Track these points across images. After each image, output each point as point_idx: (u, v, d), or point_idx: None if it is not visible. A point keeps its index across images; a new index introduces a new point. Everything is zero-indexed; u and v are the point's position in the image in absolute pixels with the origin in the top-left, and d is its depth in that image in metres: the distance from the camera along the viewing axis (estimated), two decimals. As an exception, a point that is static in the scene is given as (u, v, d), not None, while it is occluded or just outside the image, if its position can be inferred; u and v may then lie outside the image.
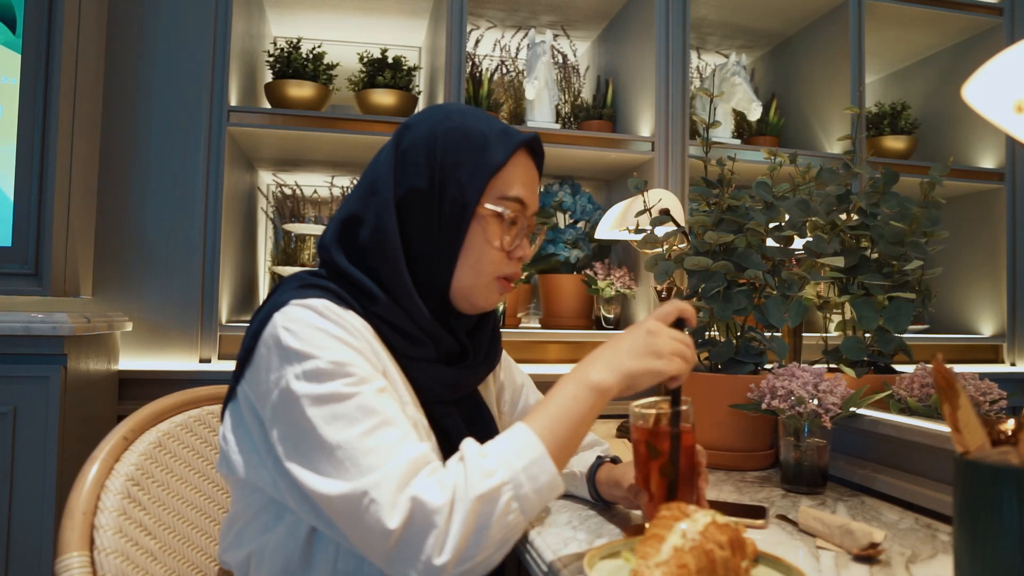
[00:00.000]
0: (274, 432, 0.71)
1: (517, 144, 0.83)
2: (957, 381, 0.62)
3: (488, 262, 0.83)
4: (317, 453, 0.66)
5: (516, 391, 1.07)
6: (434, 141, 0.82)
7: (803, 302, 1.29)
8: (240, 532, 0.81)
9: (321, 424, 0.67)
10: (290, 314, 0.73)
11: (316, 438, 0.66)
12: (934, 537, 0.88)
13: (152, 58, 1.83)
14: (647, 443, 0.82)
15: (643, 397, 0.83)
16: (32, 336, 1.37)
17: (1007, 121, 0.75)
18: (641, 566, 0.64)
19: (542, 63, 2.10)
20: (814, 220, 1.34)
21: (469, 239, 0.82)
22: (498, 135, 0.83)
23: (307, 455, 0.67)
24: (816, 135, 2.35)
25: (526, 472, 0.66)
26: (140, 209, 1.80)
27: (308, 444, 0.67)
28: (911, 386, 1.23)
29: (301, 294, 0.75)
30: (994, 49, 2.05)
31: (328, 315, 0.73)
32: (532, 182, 0.87)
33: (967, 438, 0.62)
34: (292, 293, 0.76)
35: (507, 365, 1.07)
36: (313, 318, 0.72)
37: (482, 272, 0.83)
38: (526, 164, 0.86)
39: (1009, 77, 0.71)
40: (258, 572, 0.79)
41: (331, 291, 0.78)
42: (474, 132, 0.82)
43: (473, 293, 0.84)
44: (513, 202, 0.83)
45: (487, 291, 0.85)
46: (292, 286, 0.79)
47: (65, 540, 0.82)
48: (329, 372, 0.68)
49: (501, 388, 1.05)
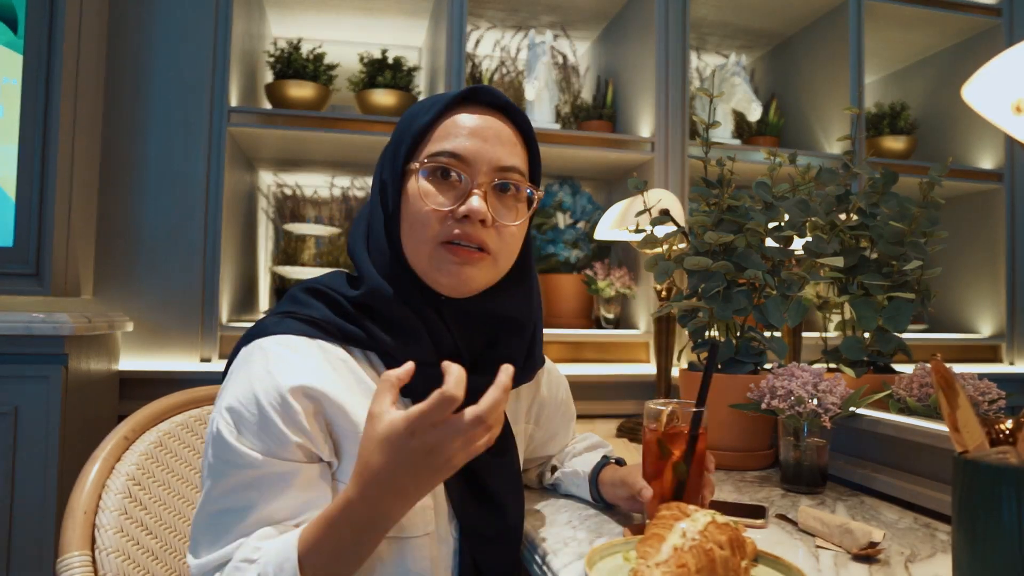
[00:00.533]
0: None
1: (446, 101, 0.78)
2: (956, 381, 0.63)
3: (423, 224, 0.76)
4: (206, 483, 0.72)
5: (556, 407, 1.03)
6: (394, 132, 0.82)
7: (803, 302, 1.29)
8: None
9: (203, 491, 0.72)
10: (249, 351, 0.76)
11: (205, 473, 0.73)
12: (933, 536, 0.88)
13: (153, 59, 1.83)
14: (660, 442, 0.83)
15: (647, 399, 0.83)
16: (33, 336, 1.37)
17: (1006, 121, 0.75)
18: (641, 565, 0.64)
19: (542, 63, 2.10)
20: (814, 220, 1.34)
21: (405, 205, 0.78)
22: (435, 100, 0.79)
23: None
24: (816, 135, 2.35)
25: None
26: (141, 209, 1.80)
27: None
28: (910, 386, 1.24)
29: (274, 325, 0.77)
30: (993, 50, 2.06)
31: (265, 397, 0.71)
32: (478, 135, 0.77)
33: (966, 438, 0.62)
34: (269, 323, 0.78)
35: (550, 379, 1.02)
36: (260, 373, 0.73)
37: (422, 237, 0.76)
38: (469, 119, 0.78)
39: (1008, 78, 0.72)
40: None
41: (313, 320, 0.77)
42: (417, 107, 0.81)
43: (426, 264, 0.77)
44: (444, 156, 0.76)
45: (438, 261, 0.76)
46: (277, 309, 0.81)
47: (66, 539, 0.82)
48: (231, 424, 0.71)
49: (542, 403, 1.00)
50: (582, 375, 1.89)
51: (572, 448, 1.08)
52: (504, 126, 0.80)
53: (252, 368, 0.73)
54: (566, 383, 1.07)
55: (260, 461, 0.69)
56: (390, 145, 0.82)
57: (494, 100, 0.81)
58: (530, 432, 1.01)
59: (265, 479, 0.70)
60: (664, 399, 0.83)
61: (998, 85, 0.72)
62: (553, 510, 0.97)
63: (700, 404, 0.82)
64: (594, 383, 1.93)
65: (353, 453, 0.72)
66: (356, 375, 0.77)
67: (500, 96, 0.81)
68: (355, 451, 0.71)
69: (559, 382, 1.04)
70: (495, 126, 0.79)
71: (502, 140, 0.79)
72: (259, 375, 0.72)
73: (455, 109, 0.79)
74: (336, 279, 0.83)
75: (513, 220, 0.79)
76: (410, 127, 0.79)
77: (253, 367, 0.73)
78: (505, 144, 0.79)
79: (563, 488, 1.05)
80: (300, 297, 0.81)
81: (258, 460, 0.69)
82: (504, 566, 0.82)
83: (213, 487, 0.70)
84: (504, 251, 0.80)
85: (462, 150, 0.76)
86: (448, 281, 0.77)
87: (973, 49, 2.40)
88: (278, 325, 0.77)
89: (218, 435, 0.71)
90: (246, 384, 0.72)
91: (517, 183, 0.80)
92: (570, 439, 1.10)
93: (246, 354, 0.76)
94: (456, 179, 0.77)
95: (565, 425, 1.06)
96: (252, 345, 0.76)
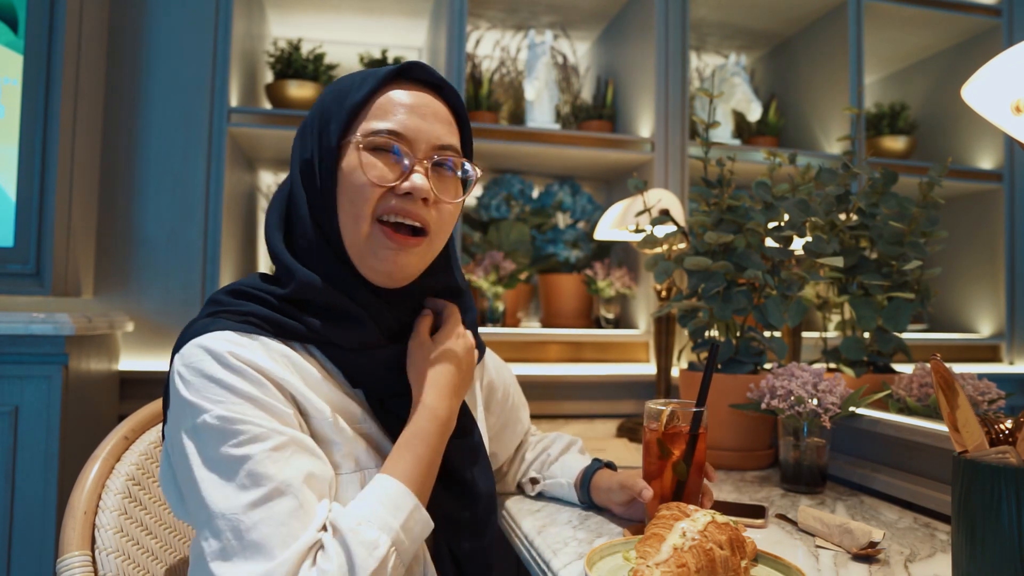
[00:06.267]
0: (180, 478, 0.68)
1: (379, 77, 0.76)
2: (956, 381, 0.63)
3: (364, 198, 0.73)
4: (204, 514, 0.63)
5: (506, 389, 1.03)
6: (316, 109, 0.79)
7: (803, 302, 1.29)
8: (195, 567, 0.74)
9: (207, 488, 0.63)
10: (185, 358, 0.68)
11: (202, 501, 0.63)
12: (933, 536, 0.88)
13: (153, 59, 1.83)
14: (660, 442, 0.83)
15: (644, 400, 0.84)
16: (34, 336, 1.37)
17: (1005, 121, 0.75)
18: (641, 565, 0.64)
19: (542, 63, 2.10)
20: (813, 220, 1.34)
21: (341, 181, 0.75)
22: (366, 76, 0.78)
23: (198, 512, 0.64)
24: (815, 135, 2.35)
25: (404, 529, 0.66)
26: (141, 209, 1.80)
27: (198, 504, 0.64)
28: (910, 386, 1.24)
29: (205, 327, 0.70)
30: (993, 50, 2.06)
31: (223, 358, 0.67)
32: (416, 112, 0.76)
33: (966, 437, 0.62)
34: (197, 325, 0.71)
35: (495, 363, 1.03)
36: (206, 364, 0.67)
37: (361, 213, 0.74)
38: (406, 96, 0.77)
39: (1007, 78, 0.72)
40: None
41: (245, 314, 0.73)
42: (345, 83, 0.79)
43: (362, 245, 0.75)
44: (384, 135, 0.74)
45: (375, 243, 0.74)
46: (203, 313, 0.75)
47: (66, 539, 0.82)
48: (215, 430, 0.64)
49: (491, 387, 1.00)
50: (582, 375, 1.89)
51: (546, 455, 1.07)
52: (440, 104, 0.79)
53: (205, 366, 0.67)
54: (511, 369, 1.07)
55: (253, 437, 0.64)
56: (313, 121, 0.78)
57: (428, 77, 0.79)
58: (495, 410, 1.01)
59: (289, 445, 0.66)
60: (664, 399, 0.83)
61: (998, 85, 0.73)
62: (553, 510, 0.97)
63: (700, 404, 0.82)
64: (594, 383, 1.93)
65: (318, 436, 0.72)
66: (300, 369, 0.73)
67: (434, 73, 0.80)
68: (320, 434, 0.72)
69: (504, 367, 1.05)
70: (432, 104, 0.78)
71: (439, 118, 0.78)
72: (218, 372, 0.67)
73: (389, 85, 0.77)
74: (255, 280, 0.78)
75: (453, 198, 0.79)
76: (341, 103, 0.76)
77: (205, 365, 0.67)
78: (442, 122, 0.78)
79: (548, 495, 1.05)
80: (225, 300, 0.75)
81: (278, 428, 0.66)
82: (480, 556, 0.80)
83: (229, 496, 0.63)
84: (441, 231, 0.79)
85: (402, 128, 0.75)
86: (382, 268, 0.75)
87: (973, 49, 2.40)
88: (212, 324, 0.71)
89: (200, 457, 0.64)
90: (198, 390, 0.66)
91: (456, 161, 0.79)
92: (525, 427, 1.08)
93: (189, 359, 0.68)
94: (395, 157, 0.75)
95: (515, 412, 1.05)
96: (190, 347, 0.69)
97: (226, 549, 0.61)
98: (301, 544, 0.61)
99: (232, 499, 0.62)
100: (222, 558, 0.61)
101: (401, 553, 0.65)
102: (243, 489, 0.62)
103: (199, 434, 0.65)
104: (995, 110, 0.74)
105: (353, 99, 0.76)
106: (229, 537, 0.61)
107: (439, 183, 0.77)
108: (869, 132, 2.47)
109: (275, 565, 0.59)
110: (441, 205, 0.77)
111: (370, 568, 0.62)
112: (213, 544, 0.61)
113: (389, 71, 0.77)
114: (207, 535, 0.62)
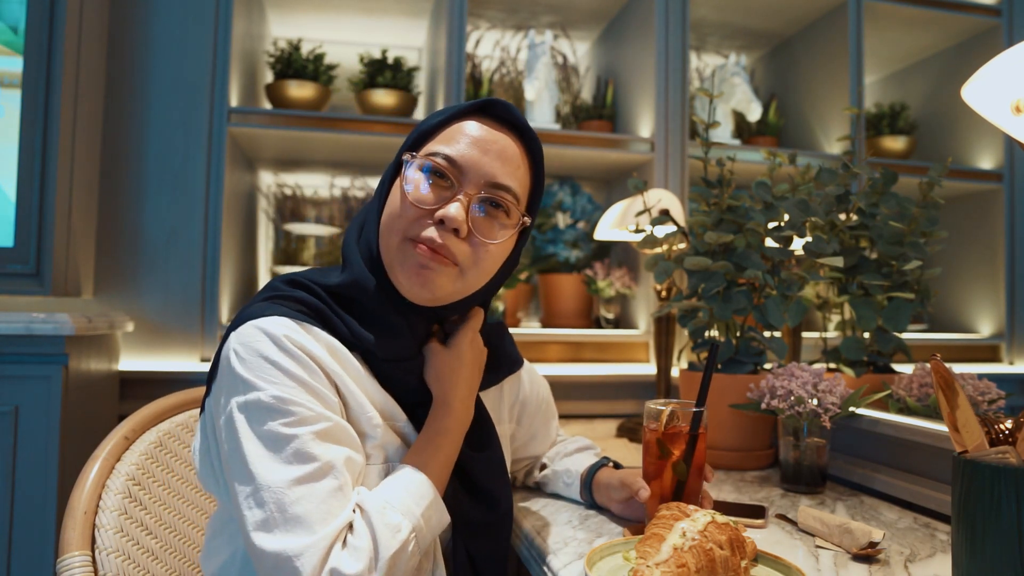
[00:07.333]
0: (224, 449, 0.70)
1: (462, 107, 0.78)
2: (956, 381, 0.63)
3: (399, 215, 0.75)
4: (248, 486, 0.65)
5: (538, 404, 1.04)
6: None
7: (803, 302, 1.29)
8: (213, 540, 0.80)
9: (255, 460, 0.65)
10: (243, 336, 0.71)
11: (248, 473, 0.65)
12: (933, 536, 0.88)
13: (153, 59, 1.83)
14: (659, 442, 0.83)
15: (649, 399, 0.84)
16: (33, 336, 1.37)
17: (1005, 122, 0.75)
18: (641, 565, 0.64)
19: (542, 64, 2.10)
20: (813, 220, 1.34)
21: (391, 195, 0.78)
22: (453, 106, 0.80)
23: (242, 484, 0.66)
24: (815, 135, 2.36)
25: (424, 517, 0.70)
26: (141, 209, 1.80)
27: (243, 475, 0.66)
28: (910, 386, 1.24)
29: (263, 310, 0.73)
30: (992, 50, 2.06)
31: (280, 341, 0.70)
32: (479, 146, 0.76)
33: (966, 437, 0.62)
34: (255, 308, 0.74)
35: (531, 378, 1.04)
36: (263, 345, 0.69)
37: (394, 228, 0.75)
38: (476, 128, 0.77)
39: (1007, 78, 0.72)
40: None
41: (299, 302, 0.75)
42: (436, 110, 0.82)
43: (392, 256, 0.76)
44: (439, 157, 0.75)
45: (402, 255, 0.75)
46: (260, 297, 0.77)
47: (66, 539, 0.82)
48: (268, 408, 0.67)
49: (524, 402, 1.02)
50: (582, 375, 1.89)
51: (563, 448, 1.09)
52: (513, 145, 0.78)
53: (261, 347, 0.69)
54: (547, 383, 1.08)
55: (302, 419, 0.67)
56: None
57: (509, 117, 0.79)
58: (512, 431, 1.02)
59: (334, 430, 0.69)
60: (664, 399, 0.83)
61: (997, 85, 0.73)
62: (553, 510, 0.97)
63: (700, 404, 0.82)
64: (594, 383, 1.93)
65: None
66: (345, 362, 0.76)
67: (517, 115, 0.79)
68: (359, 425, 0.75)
69: (540, 382, 1.07)
70: (502, 142, 0.77)
71: (504, 157, 0.77)
72: (274, 354, 0.69)
73: (468, 116, 0.79)
74: (317, 272, 0.82)
75: (492, 238, 0.76)
76: (422, 125, 0.80)
77: (262, 346, 0.69)
78: (506, 162, 0.77)
79: (549, 487, 1.05)
80: (281, 287, 0.79)
81: (325, 414, 0.69)
82: (496, 555, 0.83)
83: (275, 469, 0.65)
84: (475, 268, 0.77)
85: (458, 156, 0.75)
86: (408, 282, 0.75)
87: (973, 49, 2.40)
88: (269, 308, 0.74)
89: (250, 431, 0.67)
90: (253, 368, 0.69)
91: (507, 203, 0.77)
92: (553, 438, 1.10)
93: (246, 338, 0.71)
94: (446, 183, 0.75)
95: (545, 424, 1.07)
96: (248, 326, 0.71)
97: (268, 520, 0.63)
98: (340, 522, 0.65)
99: (279, 473, 0.64)
100: (264, 529, 0.63)
101: (420, 539, 0.69)
102: (289, 464, 0.65)
103: (251, 410, 0.67)
104: (995, 110, 0.74)
105: (431, 122, 0.79)
106: (272, 509, 0.63)
107: (483, 221, 0.76)
108: (869, 132, 2.47)
109: (316, 540, 0.62)
110: (476, 241, 0.76)
111: (392, 549, 0.65)
112: (257, 514, 0.64)
113: (473, 103, 0.79)
114: (251, 504, 0.64)
